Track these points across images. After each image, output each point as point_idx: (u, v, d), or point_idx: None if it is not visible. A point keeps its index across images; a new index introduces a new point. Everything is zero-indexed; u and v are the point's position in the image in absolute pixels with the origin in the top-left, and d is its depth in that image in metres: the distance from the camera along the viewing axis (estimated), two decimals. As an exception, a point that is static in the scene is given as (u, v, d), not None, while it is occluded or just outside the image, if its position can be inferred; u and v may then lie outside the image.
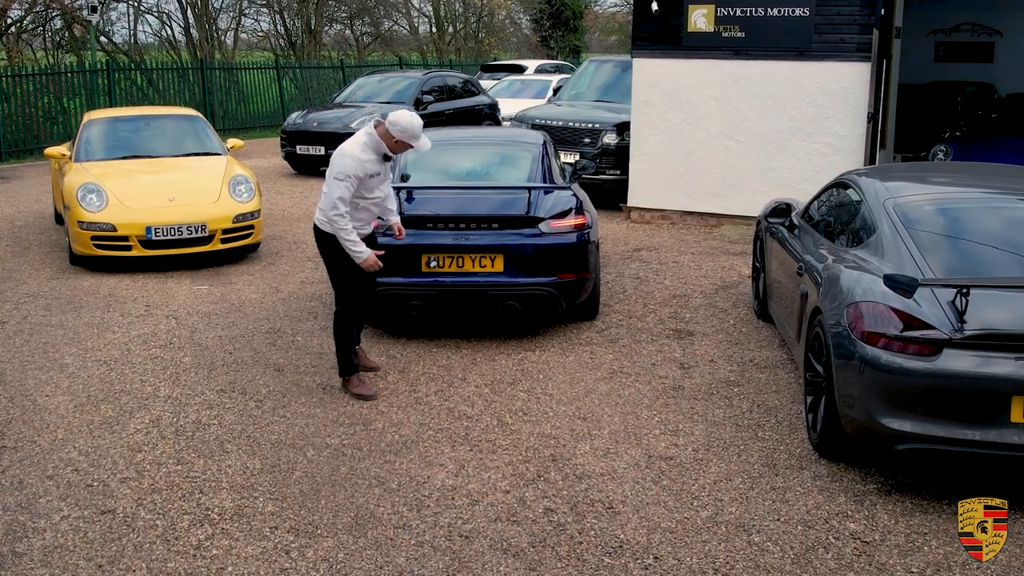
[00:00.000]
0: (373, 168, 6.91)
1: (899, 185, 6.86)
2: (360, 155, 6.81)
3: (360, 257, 6.90)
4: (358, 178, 6.81)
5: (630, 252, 11.75)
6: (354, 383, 7.23)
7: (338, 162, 6.80)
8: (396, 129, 6.81)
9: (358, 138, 6.90)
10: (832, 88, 12.29)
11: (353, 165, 6.78)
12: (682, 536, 5.29)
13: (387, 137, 6.87)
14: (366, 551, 5.15)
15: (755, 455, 6.26)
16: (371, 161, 6.87)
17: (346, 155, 6.81)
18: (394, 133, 6.83)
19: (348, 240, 6.83)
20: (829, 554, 5.11)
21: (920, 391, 5.43)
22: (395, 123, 6.82)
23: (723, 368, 7.79)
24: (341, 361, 7.27)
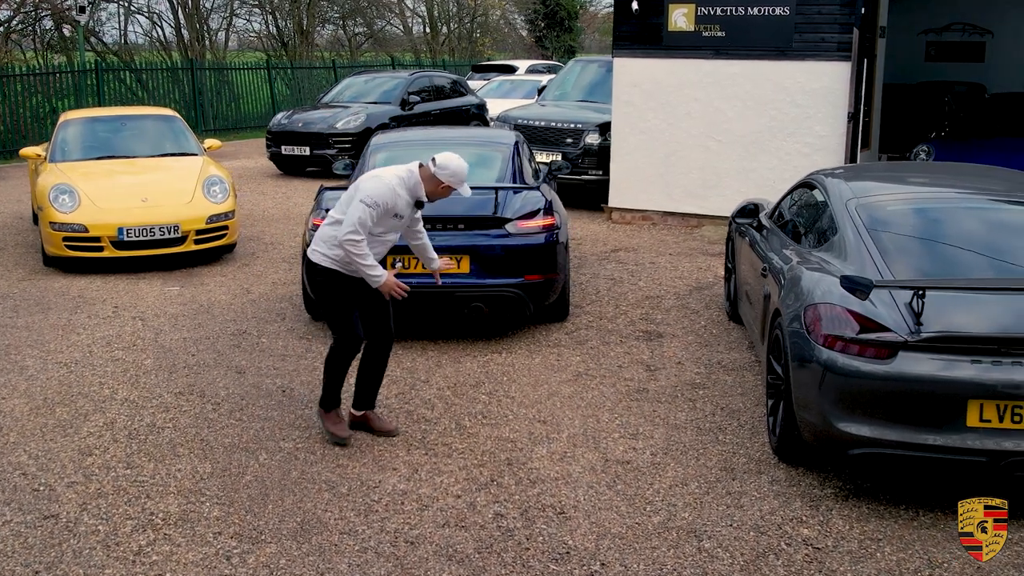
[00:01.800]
0: (400, 207, 6.11)
1: (863, 186, 6.77)
2: (396, 187, 6.04)
3: (378, 280, 6.06)
4: (386, 209, 6.02)
5: (608, 253, 11.66)
6: (331, 419, 6.44)
7: (370, 186, 6.01)
8: (446, 173, 6.04)
9: (397, 170, 6.13)
10: (813, 88, 12.20)
11: (386, 194, 6.00)
12: (631, 542, 5.20)
13: (431, 181, 6.10)
14: (308, 557, 5.06)
15: (714, 459, 6.17)
16: (401, 199, 6.09)
17: (382, 181, 6.04)
18: (443, 177, 6.05)
19: (364, 264, 5.99)
20: (780, 560, 5.02)
21: (875, 394, 5.34)
22: (445, 167, 6.05)
23: (690, 370, 7.70)
24: (324, 391, 6.46)
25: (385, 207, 6.00)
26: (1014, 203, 6.55)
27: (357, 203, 5.98)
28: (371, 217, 5.95)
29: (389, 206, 6.02)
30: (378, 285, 6.10)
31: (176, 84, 27.03)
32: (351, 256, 5.97)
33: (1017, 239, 6.14)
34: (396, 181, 6.05)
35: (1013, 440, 5.20)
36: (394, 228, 6.23)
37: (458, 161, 6.10)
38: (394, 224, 6.18)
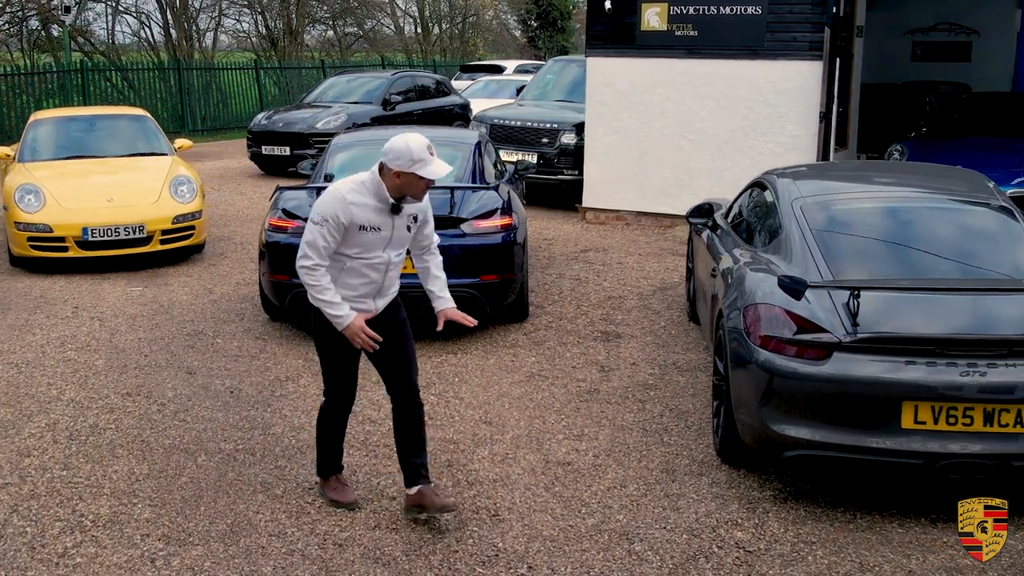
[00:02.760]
0: (364, 217, 4.98)
1: (811, 186, 6.72)
2: (347, 195, 4.96)
3: (340, 323, 5.03)
4: (340, 225, 4.93)
5: (577, 253, 11.61)
6: (330, 486, 5.60)
7: (320, 200, 5.06)
8: (390, 158, 4.91)
9: (356, 176, 5.14)
10: (785, 87, 12.15)
11: (333, 205, 4.94)
12: (562, 545, 5.15)
13: (388, 176, 4.97)
14: (234, 560, 5.01)
15: (656, 461, 6.12)
16: (363, 207, 4.97)
17: (331, 192, 5.04)
18: (390, 164, 4.92)
19: (321, 299, 5.01)
20: (709, 564, 4.97)
21: (810, 396, 5.29)
22: (388, 150, 4.94)
23: (644, 371, 7.65)
24: (319, 457, 5.60)
25: (337, 221, 4.92)
26: (957, 204, 6.51)
27: (308, 222, 5.06)
28: (323, 236, 4.93)
29: (344, 219, 4.93)
30: (340, 328, 5.06)
31: (164, 84, 26.99)
32: (308, 288, 5.06)
33: (959, 240, 6.09)
34: (350, 187, 5.02)
35: (948, 442, 5.15)
36: (378, 245, 5.09)
37: (403, 140, 4.90)
38: (373, 240, 5.05)
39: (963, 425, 5.14)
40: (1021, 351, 5.16)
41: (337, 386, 5.42)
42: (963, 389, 5.09)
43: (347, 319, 5.03)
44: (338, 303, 5.02)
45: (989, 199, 6.44)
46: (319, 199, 5.08)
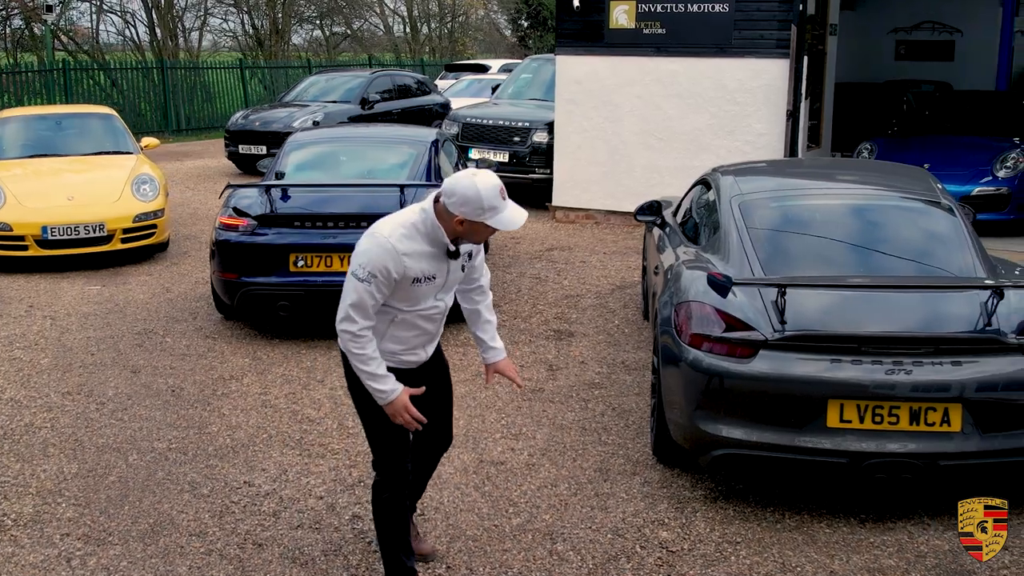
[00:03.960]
0: (419, 268, 4.12)
1: (751, 183, 6.68)
2: (397, 244, 4.06)
3: (383, 398, 4.19)
4: (391, 280, 4.08)
5: (542, 252, 11.55)
6: None
7: (362, 247, 4.12)
8: (453, 201, 4.00)
9: (406, 215, 4.18)
10: (752, 85, 12.10)
11: (382, 257, 4.04)
12: (484, 544, 5.10)
13: (446, 217, 4.08)
14: (151, 559, 4.96)
15: (591, 460, 6.07)
16: (417, 256, 4.10)
17: (375, 238, 4.09)
18: (452, 208, 4.01)
19: (364, 371, 4.16)
20: (630, 564, 4.92)
21: (737, 394, 5.24)
22: (451, 192, 4.01)
23: (592, 370, 7.60)
24: (387, 560, 4.53)
25: (387, 276, 4.06)
26: (897, 202, 6.45)
27: (348, 277, 4.13)
28: (371, 295, 4.06)
29: (396, 273, 4.06)
30: (383, 403, 4.22)
31: (149, 83, 26.92)
32: (352, 358, 4.18)
33: (895, 238, 6.04)
34: (400, 233, 4.09)
35: (873, 441, 5.10)
36: (431, 294, 4.27)
37: (472, 183, 3.98)
38: (427, 290, 4.23)
39: (889, 424, 5.09)
40: (948, 349, 5.12)
41: (390, 458, 4.42)
42: (889, 388, 5.05)
43: (392, 395, 4.18)
44: (383, 376, 4.17)
45: (930, 197, 6.39)
46: (361, 248, 4.10)
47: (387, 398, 4.19)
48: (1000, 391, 5.09)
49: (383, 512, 4.46)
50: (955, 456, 5.08)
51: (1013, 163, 12.06)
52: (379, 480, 4.45)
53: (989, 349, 5.14)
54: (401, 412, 4.21)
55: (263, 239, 8.00)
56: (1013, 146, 12.42)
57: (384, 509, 4.45)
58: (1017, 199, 11.93)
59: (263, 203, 8.22)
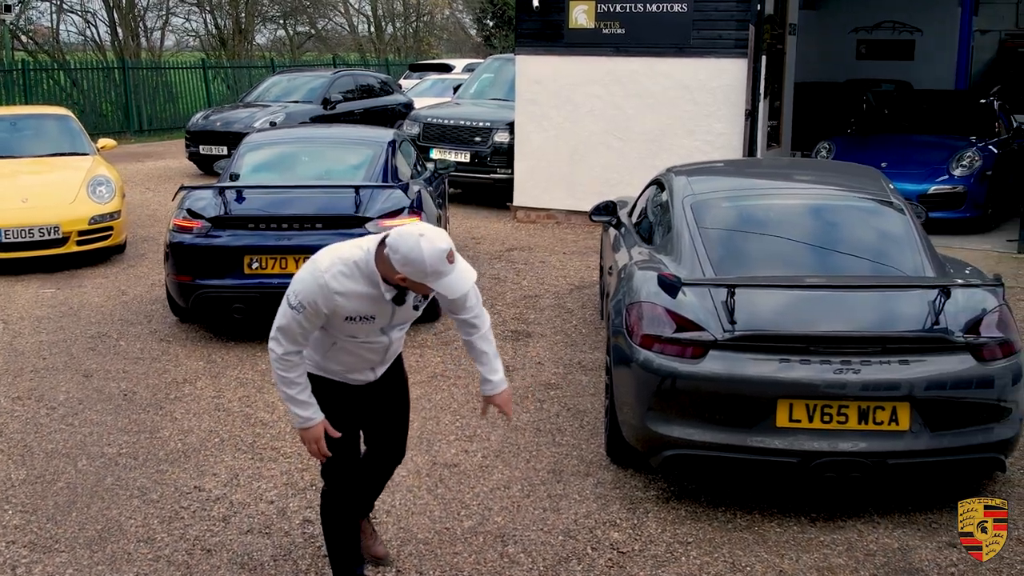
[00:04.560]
0: (352, 308, 3.98)
1: (704, 183, 6.69)
2: (330, 282, 3.93)
3: (299, 423, 4.14)
4: (320, 314, 3.97)
5: (502, 252, 11.53)
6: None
7: (299, 276, 4.03)
8: (397, 259, 3.79)
9: (350, 251, 4.00)
10: (712, 85, 12.13)
11: (312, 291, 3.93)
12: (435, 548, 5.07)
13: (387, 268, 3.89)
14: (97, 566, 4.91)
15: (545, 461, 6.06)
16: (351, 296, 3.95)
17: (311, 270, 3.98)
18: (395, 264, 3.81)
19: (286, 392, 4.09)
20: (581, 565, 4.91)
21: (687, 395, 5.25)
22: (395, 249, 3.80)
23: (548, 370, 7.59)
24: (335, 567, 4.52)
25: (315, 309, 3.94)
26: (847, 202, 6.49)
27: (283, 299, 4.05)
28: (298, 323, 3.97)
29: (325, 309, 3.95)
30: (298, 427, 4.17)
31: (110, 83, 26.67)
32: (276, 379, 4.13)
33: (846, 238, 6.08)
34: (337, 270, 3.94)
35: (823, 440, 5.12)
36: (373, 331, 4.13)
37: (418, 245, 3.74)
38: (365, 327, 4.08)
39: (838, 423, 5.12)
40: (896, 348, 5.15)
41: (335, 471, 4.38)
42: (838, 387, 5.07)
43: (308, 423, 4.11)
44: (303, 402, 4.10)
45: (881, 197, 6.42)
46: (299, 276, 4.01)
47: (302, 424, 4.13)
48: (948, 390, 5.13)
49: (332, 520, 4.45)
50: (904, 455, 5.11)
51: (969, 162, 12.16)
52: (327, 489, 4.44)
53: (937, 348, 5.18)
54: (312, 442, 4.15)
55: (217, 241, 7.95)
56: (969, 145, 12.53)
57: (333, 517, 4.44)
58: (973, 198, 12.04)
59: (217, 205, 8.16)
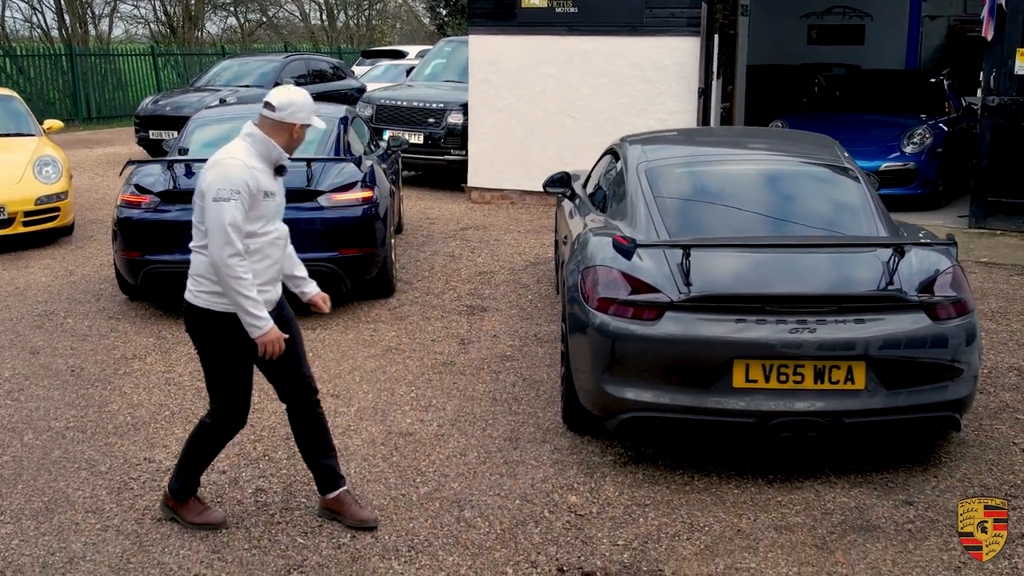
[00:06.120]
0: (267, 183, 4.45)
1: (659, 150, 6.66)
2: (246, 160, 4.40)
3: (258, 330, 4.39)
4: (249, 194, 4.34)
5: (457, 231, 11.46)
6: (192, 510, 4.86)
7: (215, 176, 4.35)
8: (293, 111, 4.46)
9: (235, 145, 4.50)
10: (664, 64, 12.12)
11: (240, 172, 4.34)
12: (390, 514, 5.00)
13: (281, 130, 4.48)
14: (44, 537, 4.80)
15: (501, 429, 6.01)
16: (258, 170, 4.41)
17: (226, 164, 4.39)
18: (291, 118, 4.47)
19: (248, 298, 4.33)
20: (538, 528, 4.86)
21: (643, 357, 5.22)
22: (289, 103, 4.46)
23: (504, 343, 7.54)
24: (182, 477, 4.81)
25: (248, 191, 4.33)
26: (802, 167, 6.49)
27: (211, 205, 4.31)
28: (241, 211, 4.31)
29: (253, 186, 4.35)
30: (257, 336, 4.41)
31: (57, 71, 26.25)
32: (228, 285, 4.34)
33: (800, 201, 6.08)
34: (242, 151, 4.44)
35: (779, 400, 5.11)
36: (275, 214, 4.57)
37: (297, 92, 4.55)
38: (271, 208, 4.51)
39: (794, 383, 5.10)
40: (851, 307, 5.14)
41: (233, 400, 4.68)
42: (794, 346, 5.05)
43: (269, 323, 4.39)
44: (261, 303, 4.39)
45: (834, 162, 6.43)
46: (213, 177, 4.33)
47: (266, 326, 4.40)
48: (903, 348, 5.13)
49: (205, 444, 4.75)
50: (860, 413, 5.11)
51: (920, 139, 12.26)
52: (214, 421, 4.71)
53: (892, 307, 5.17)
54: (276, 341, 4.44)
55: (167, 216, 7.82)
56: (920, 123, 12.63)
57: (208, 442, 4.75)
58: (924, 174, 12.13)
59: (166, 179, 8.03)
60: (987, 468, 5.44)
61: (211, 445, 4.79)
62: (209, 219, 4.32)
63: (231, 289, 4.33)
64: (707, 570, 4.50)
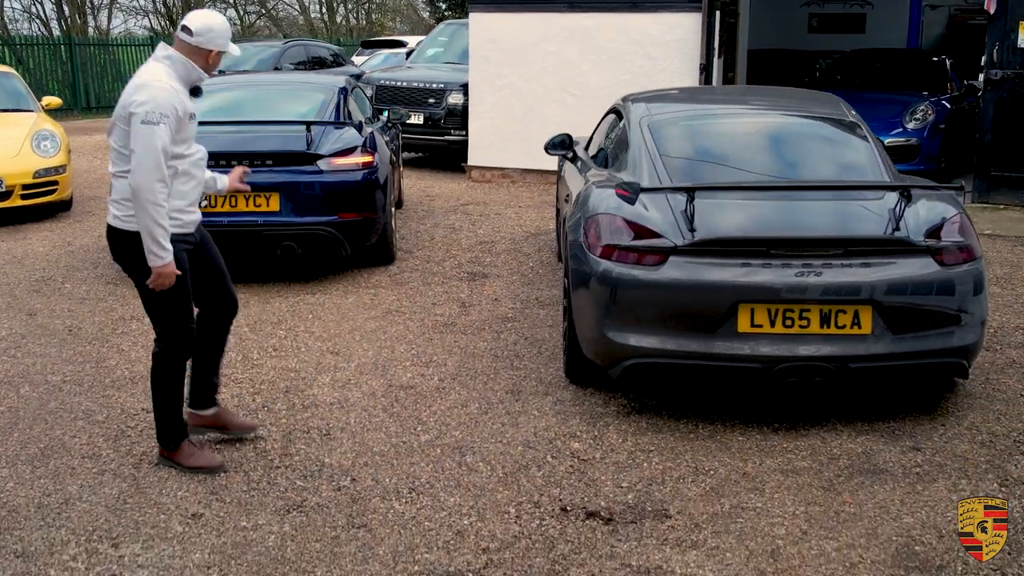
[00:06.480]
0: (189, 105, 4.53)
1: (662, 106, 6.60)
2: (170, 82, 4.43)
3: (164, 258, 4.38)
4: (177, 116, 4.39)
5: (457, 207, 11.39)
6: (186, 454, 4.80)
7: (143, 98, 4.34)
8: (212, 36, 4.53)
9: (155, 66, 4.50)
10: (665, 40, 12.05)
11: (168, 95, 4.38)
12: (391, 459, 4.94)
13: (198, 56, 4.54)
14: (40, 480, 4.73)
15: (502, 383, 5.94)
16: (181, 91, 4.49)
17: (152, 85, 4.37)
18: (210, 44, 4.54)
19: (161, 226, 4.35)
20: (541, 472, 4.80)
21: (647, 303, 5.15)
22: (208, 29, 4.53)
23: (505, 305, 7.47)
24: (162, 424, 4.80)
25: (175, 112, 4.38)
26: (807, 118, 6.44)
27: (141, 128, 4.30)
28: (170, 136, 4.36)
29: (180, 110, 4.42)
30: (161, 264, 4.40)
31: (56, 61, 26.16)
32: (145, 211, 4.31)
33: (805, 149, 6.04)
34: (163, 74, 4.44)
35: (785, 345, 5.04)
36: (194, 135, 4.63)
37: (215, 17, 4.63)
38: (194, 129, 4.60)
39: (800, 327, 5.04)
40: (858, 251, 5.07)
41: (173, 324, 4.67)
42: (799, 291, 4.98)
43: (170, 255, 4.41)
44: (169, 234, 4.41)
45: (839, 115, 6.37)
46: (141, 99, 4.32)
47: (167, 258, 4.41)
48: (910, 293, 5.06)
49: (167, 377, 4.72)
50: (866, 358, 5.04)
51: (922, 115, 12.19)
52: (164, 348, 4.69)
53: (899, 251, 5.11)
54: (170, 275, 4.46)
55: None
56: (922, 99, 12.56)
57: (168, 374, 4.72)
58: (927, 150, 12.06)
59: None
60: (995, 417, 5.38)
61: (171, 377, 4.75)
62: (137, 142, 4.32)
63: (147, 214, 4.33)
64: (713, 509, 4.43)
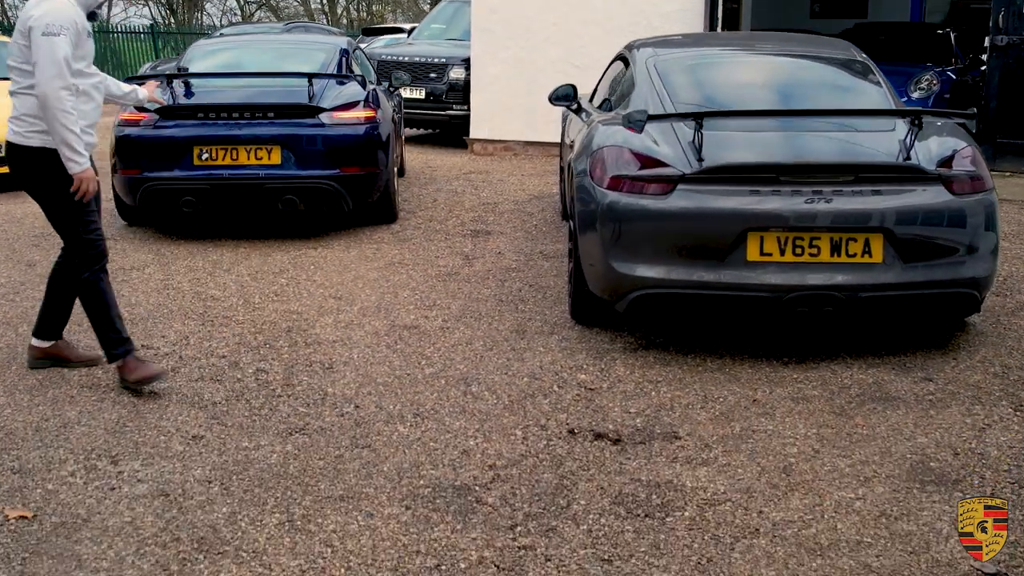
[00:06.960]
0: (87, 23, 4.65)
1: (669, 48, 6.53)
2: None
3: (82, 164, 4.50)
4: (76, 30, 4.48)
5: (460, 175, 11.30)
6: (131, 368, 4.80)
7: (43, 11, 4.45)
8: None
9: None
10: (668, 10, 11.95)
11: (66, 10, 4.50)
12: (395, 389, 4.87)
13: None
14: (38, 407, 4.67)
15: (507, 323, 5.87)
16: (78, 14, 4.59)
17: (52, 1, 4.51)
18: None
19: (73, 132, 4.44)
20: (547, 400, 4.73)
21: (655, 233, 5.08)
22: None
23: (509, 258, 7.39)
24: (108, 332, 4.82)
25: (74, 25, 4.48)
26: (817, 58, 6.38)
27: (41, 39, 4.39)
28: (71, 47, 4.45)
29: (80, 24, 4.53)
30: (80, 170, 4.51)
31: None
32: (56, 119, 4.38)
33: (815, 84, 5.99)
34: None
35: (795, 274, 4.96)
36: (91, 55, 4.68)
37: None
38: (92, 48, 4.66)
39: (810, 256, 4.96)
40: (868, 178, 5.00)
41: (94, 236, 4.77)
42: (809, 218, 4.91)
43: (88, 162, 4.56)
44: (83, 141, 4.53)
45: (850, 56, 6.29)
46: (40, 13, 4.43)
47: (85, 164, 4.53)
48: (921, 223, 4.99)
49: (93, 290, 4.77)
50: (877, 287, 4.96)
51: (927, 84, 12.10)
52: (79, 260, 4.74)
53: (910, 179, 5.04)
54: (92, 179, 4.59)
55: (165, 132, 7.68)
56: (927, 69, 12.47)
57: (93, 287, 4.77)
58: (932, 120, 11.96)
59: (165, 96, 7.87)
60: (1007, 352, 5.31)
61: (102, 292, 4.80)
62: (39, 54, 4.39)
63: (57, 123, 4.39)
64: (723, 432, 4.36)
